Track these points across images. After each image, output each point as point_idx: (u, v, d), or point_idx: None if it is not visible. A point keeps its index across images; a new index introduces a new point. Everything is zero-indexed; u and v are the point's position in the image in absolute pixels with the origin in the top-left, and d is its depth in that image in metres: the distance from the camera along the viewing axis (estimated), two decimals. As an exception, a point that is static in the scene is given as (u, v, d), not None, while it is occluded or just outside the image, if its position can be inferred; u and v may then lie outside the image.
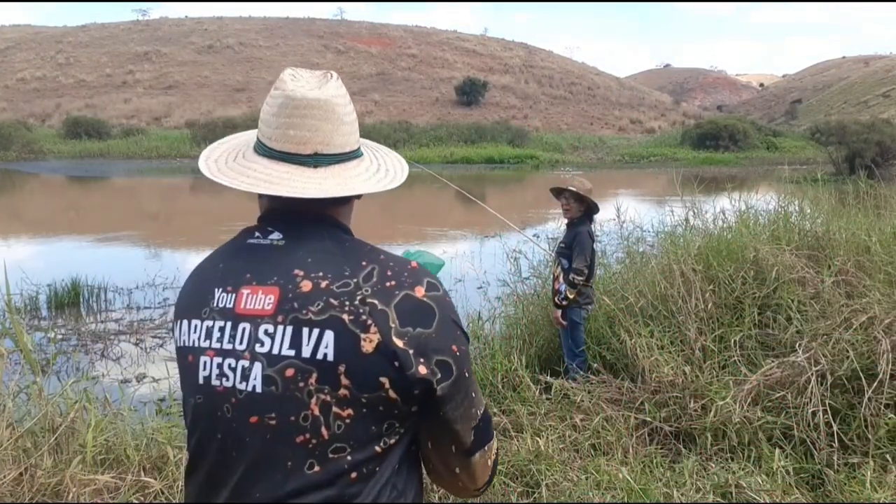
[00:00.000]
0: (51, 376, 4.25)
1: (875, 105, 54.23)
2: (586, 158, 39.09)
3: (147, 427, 3.22)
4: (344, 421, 0.98)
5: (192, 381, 1.07)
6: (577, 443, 3.37)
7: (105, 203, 19.68)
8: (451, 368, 1.03)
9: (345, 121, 1.11)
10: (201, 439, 1.07)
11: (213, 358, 1.04)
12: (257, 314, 1.02)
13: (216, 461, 1.05)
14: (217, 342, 1.04)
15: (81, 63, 55.33)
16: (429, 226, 15.68)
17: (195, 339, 1.07)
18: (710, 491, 2.83)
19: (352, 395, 0.98)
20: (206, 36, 60.60)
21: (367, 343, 0.97)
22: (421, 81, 55.58)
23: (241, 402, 1.01)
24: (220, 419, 1.03)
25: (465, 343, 1.08)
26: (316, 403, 0.98)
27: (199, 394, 1.06)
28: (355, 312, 0.98)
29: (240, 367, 1.01)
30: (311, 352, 0.98)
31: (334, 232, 1.10)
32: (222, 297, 1.06)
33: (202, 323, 1.06)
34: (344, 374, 0.97)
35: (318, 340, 0.98)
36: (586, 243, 4.27)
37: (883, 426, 2.99)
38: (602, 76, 67.42)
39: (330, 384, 0.97)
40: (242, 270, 1.07)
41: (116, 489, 2.80)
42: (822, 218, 4.84)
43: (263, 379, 0.99)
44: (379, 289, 1.01)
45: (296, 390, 0.98)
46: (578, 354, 4.28)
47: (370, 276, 1.02)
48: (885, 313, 3.33)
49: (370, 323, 0.98)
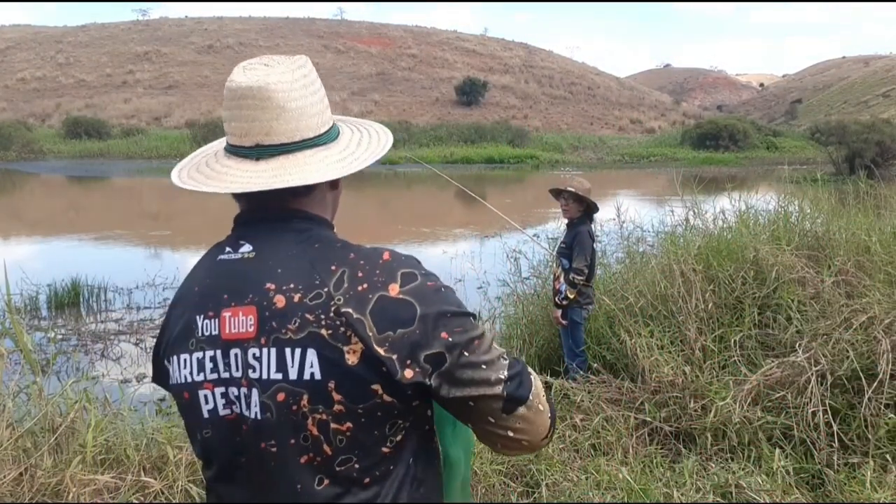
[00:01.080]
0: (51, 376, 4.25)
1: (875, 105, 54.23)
2: (586, 158, 39.09)
3: (147, 427, 3.22)
4: (345, 434, 0.96)
5: (195, 417, 1.04)
6: (577, 443, 3.37)
7: (105, 203, 19.69)
8: (443, 357, 0.97)
9: (287, 108, 1.03)
10: (223, 468, 1.05)
11: (213, 390, 1.01)
12: (242, 338, 0.98)
13: (244, 485, 1.03)
14: (213, 373, 1.01)
15: (81, 63, 55.33)
16: (428, 225, 15.68)
17: (187, 375, 1.03)
18: (710, 491, 2.83)
19: (347, 409, 0.95)
20: (206, 36, 60.60)
21: (351, 355, 0.94)
22: (421, 81, 55.57)
23: (250, 430, 0.99)
24: (239, 444, 1.01)
25: (460, 321, 1.00)
26: (313, 424, 0.96)
27: (207, 428, 1.04)
28: (333, 326, 0.95)
29: (242, 394, 0.99)
30: (298, 373, 0.95)
31: (304, 231, 1.04)
32: (206, 324, 1.02)
33: (191, 356, 1.03)
34: (335, 390, 0.95)
35: (303, 361, 0.95)
36: (586, 243, 4.27)
37: (883, 426, 2.99)
38: (602, 76, 67.42)
39: (323, 403, 0.95)
40: (219, 292, 1.02)
41: (116, 489, 2.80)
42: (822, 218, 4.84)
43: (261, 406, 0.97)
44: (352, 295, 0.96)
45: (290, 414, 0.96)
46: (578, 354, 4.28)
47: (341, 283, 0.97)
48: (885, 313, 3.32)
49: (350, 334, 0.94)
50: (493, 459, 3.23)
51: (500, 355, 1.04)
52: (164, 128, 43.24)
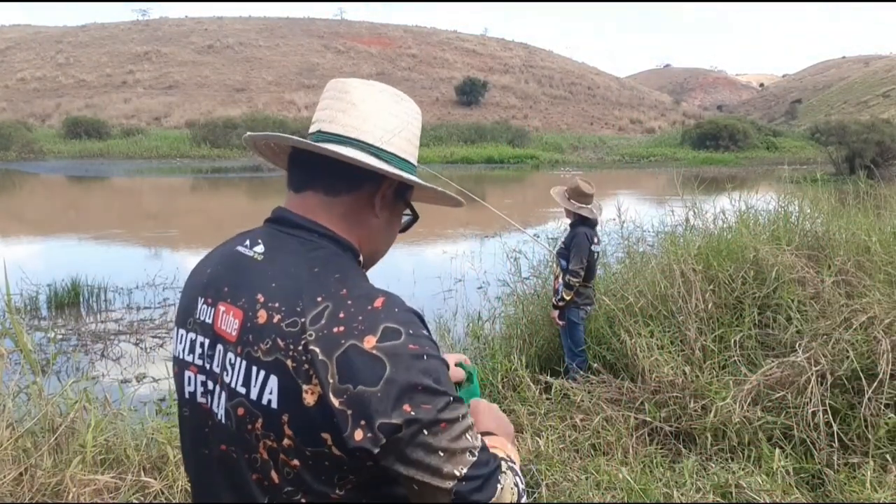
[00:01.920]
0: (51, 376, 4.25)
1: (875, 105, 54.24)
2: (586, 158, 39.11)
3: (147, 427, 3.22)
4: (292, 469, 0.93)
5: (180, 391, 1.07)
6: (577, 443, 3.37)
7: (105, 203, 19.69)
8: (399, 428, 0.88)
9: (359, 106, 1.06)
10: (189, 450, 1.09)
11: (196, 375, 1.03)
12: (226, 338, 0.99)
13: (201, 473, 1.06)
14: (199, 359, 1.03)
15: (81, 63, 55.34)
16: (428, 225, 15.67)
17: (181, 351, 1.06)
18: (710, 491, 2.83)
19: (296, 446, 0.91)
20: (206, 36, 60.61)
21: (308, 395, 0.89)
22: (421, 81, 55.57)
23: (216, 427, 1.00)
24: (206, 437, 1.02)
25: (431, 398, 0.90)
26: (263, 448, 0.94)
27: (186, 407, 1.06)
28: (298, 360, 0.90)
29: (216, 390, 1.00)
30: (258, 395, 0.93)
31: (314, 249, 1.01)
32: (203, 308, 1.04)
33: (187, 334, 1.06)
34: (287, 424, 0.91)
35: (264, 384, 0.93)
36: (583, 245, 4.26)
37: (883, 426, 2.99)
38: (602, 76, 67.44)
39: (274, 432, 0.92)
40: (222, 283, 1.03)
41: (116, 489, 2.80)
42: (822, 218, 4.84)
43: (224, 412, 0.98)
44: (324, 335, 0.90)
45: (245, 431, 0.95)
46: (578, 354, 4.27)
47: (319, 318, 0.91)
48: (885, 313, 3.32)
49: (312, 374, 0.89)
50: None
51: (469, 449, 0.93)
52: (164, 128, 43.24)
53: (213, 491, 1.03)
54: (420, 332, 0.94)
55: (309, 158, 1.06)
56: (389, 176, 1.05)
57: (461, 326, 5.93)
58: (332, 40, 61.58)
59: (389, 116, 1.08)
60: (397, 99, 1.11)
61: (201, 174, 28.24)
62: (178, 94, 50.24)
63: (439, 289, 7.80)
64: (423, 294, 7.33)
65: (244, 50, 58.20)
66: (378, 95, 1.09)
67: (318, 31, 63.73)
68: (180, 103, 48.13)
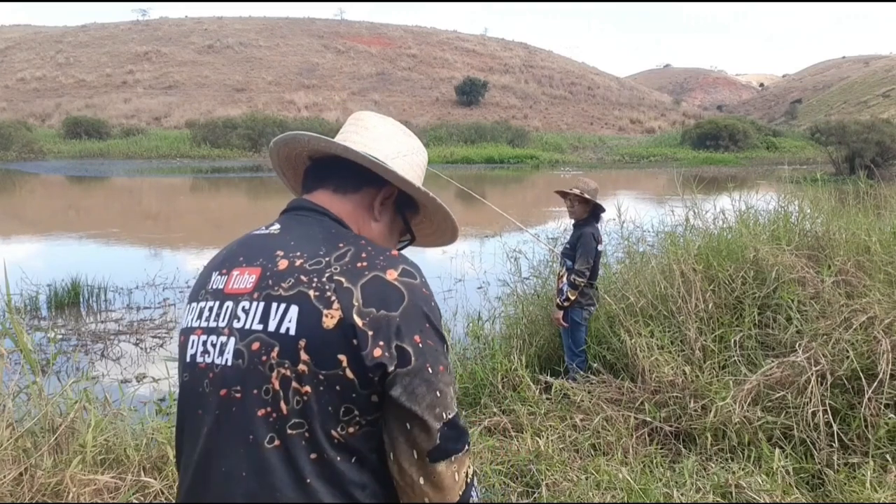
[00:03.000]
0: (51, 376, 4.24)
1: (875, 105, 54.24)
2: (586, 158, 39.10)
3: (147, 427, 3.22)
4: (302, 397, 0.98)
5: (182, 359, 1.11)
6: (577, 443, 3.37)
7: (105, 203, 19.68)
8: (409, 357, 0.99)
9: (371, 130, 1.24)
10: (182, 414, 1.11)
11: (199, 336, 1.09)
12: (239, 292, 1.06)
13: (191, 437, 1.08)
14: (205, 321, 1.09)
15: (81, 63, 55.33)
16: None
17: (189, 321, 1.12)
18: (710, 491, 2.83)
19: (310, 370, 0.98)
20: (206, 36, 60.60)
21: (328, 319, 0.98)
22: (421, 81, 55.57)
23: (216, 377, 1.04)
24: (201, 395, 1.06)
25: (436, 339, 1.03)
26: (276, 377, 0.99)
27: (186, 371, 1.10)
28: (321, 289, 1.00)
29: (219, 343, 1.05)
30: (276, 326, 1.00)
31: (328, 223, 1.13)
32: (216, 279, 1.12)
33: (197, 304, 1.12)
34: (304, 349, 0.98)
35: (284, 314, 1.00)
36: (590, 245, 4.25)
37: (883, 426, 2.99)
38: (602, 76, 67.43)
39: (290, 359, 0.98)
40: (238, 255, 1.12)
41: (116, 489, 2.80)
42: (822, 218, 4.84)
43: (234, 353, 1.02)
44: (348, 268, 1.02)
45: (258, 364, 1.00)
46: (578, 354, 4.27)
47: (343, 256, 1.03)
48: (885, 313, 3.32)
49: (334, 299, 0.99)
50: (493, 459, 3.23)
51: (454, 398, 1.05)
52: (164, 128, 43.24)
53: (207, 457, 1.04)
54: (427, 282, 1.07)
55: (322, 165, 1.21)
56: (389, 178, 1.17)
57: (461, 326, 5.92)
58: (332, 40, 61.56)
59: (398, 143, 1.24)
60: (408, 133, 1.29)
61: (201, 174, 28.24)
62: (178, 94, 50.23)
63: (439, 289, 7.80)
64: (423, 294, 7.32)
65: (244, 50, 58.19)
66: (391, 126, 1.26)
67: (318, 31, 63.71)
68: (180, 103, 48.12)
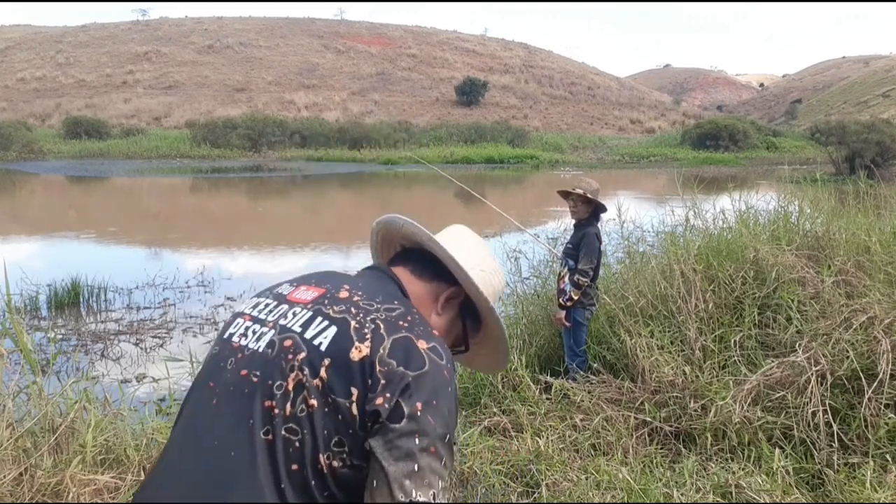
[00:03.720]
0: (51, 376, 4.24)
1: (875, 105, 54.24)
2: (586, 158, 39.10)
3: (147, 427, 3.22)
4: (307, 408, 1.02)
5: (220, 335, 1.20)
6: (577, 443, 3.37)
7: (105, 203, 19.68)
8: (402, 416, 1.00)
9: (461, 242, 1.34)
10: (196, 383, 1.17)
11: (245, 321, 1.17)
12: (297, 301, 1.16)
13: (195, 404, 1.13)
14: (256, 311, 1.18)
15: (81, 63, 55.34)
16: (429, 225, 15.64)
17: (243, 308, 1.22)
18: (710, 491, 2.82)
19: (323, 388, 1.02)
20: (206, 36, 60.60)
21: (356, 351, 1.04)
22: (421, 81, 55.57)
23: (244, 357, 1.10)
24: (221, 370, 1.12)
25: (438, 420, 1.03)
26: (293, 379, 1.04)
27: (218, 346, 1.18)
28: (362, 323, 1.07)
29: (259, 332, 1.13)
30: (312, 335, 1.07)
31: (395, 288, 1.22)
32: (285, 286, 1.23)
33: (257, 298, 1.23)
34: (326, 367, 1.03)
35: (323, 330, 1.08)
36: (594, 245, 4.25)
37: (883, 426, 2.99)
38: (602, 76, 67.43)
39: (311, 368, 1.04)
40: (312, 277, 1.25)
41: (116, 489, 2.80)
42: (822, 218, 4.84)
43: (268, 342, 1.10)
44: (391, 321, 1.09)
45: (283, 359, 1.06)
46: (579, 354, 4.27)
47: (392, 311, 1.11)
48: (885, 313, 3.32)
49: (368, 337, 1.05)
50: (493, 459, 3.23)
51: (434, 492, 1.01)
52: (164, 128, 43.26)
53: (205, 426, 1.08)
54: (454, 375, 1.12)
55: (409, 250, 1.35)
56: (460, 279, 1.26)
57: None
58: (332, 40, 61.56)
59: (481, 258, 1.32)
60: (493, 256, 1.36)
61: (201, 174, 28.24)
62: (178, 94, 50.24)
63: (439, 289, 7.80)
64: (423, 294, 7.32)
65: (244, 50, 58.19)
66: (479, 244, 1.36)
67: (318, 31, 63.70)
68: (180, 103, 48.14)
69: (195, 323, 6.80)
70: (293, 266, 10.31)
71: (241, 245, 12.04)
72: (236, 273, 9.20)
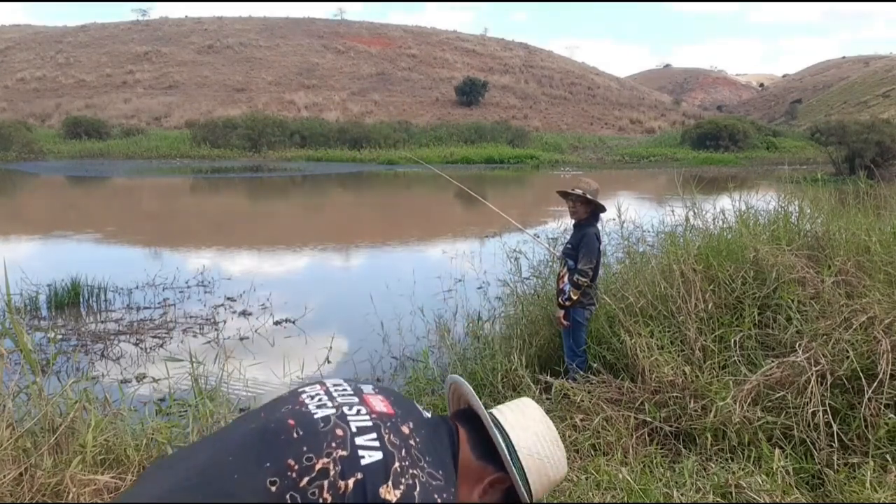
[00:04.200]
0: (51, 376, 4.24)
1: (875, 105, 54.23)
2: (586, 158, 39.10)
3: (147, 427, 3.22)
4: (319, 494, 1.06)
5: (295, 388, 1.27)
6: (577, 443, 3.37)
7: (105, 203, 19.68)
8: None
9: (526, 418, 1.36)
10: (252, 411, 1.25)
11: (320, 389, 1.24)
12: (368, 405, 1.20)
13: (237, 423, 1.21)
14: (333, 389, 1.25)
15: (81, 63, 55.33)
16: (429, 225, 15.67)
17: (326, 381, 1.30)
18: (710, 491, 2.82)
19: (343, 493, 1.06)
20: (206, 36, 60.59)
21: (385, 490, 1.08)
22: (421, 81, 55.57)
23: (299, 411, 1.17)
24: (276, 409, 1.19)
25: None
26: (324, 463, 1.08)
27: (289, 393, 1.25)
28: (404, 470, 1.11)
29: (325, 404, 1.19)
30: (361, 445, 1.12)
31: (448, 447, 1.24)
32: (368, 387, 1.30)
33: (341, 380, 1.31)
34: (356, 480, 1.08)
35: (371, 448, 1.12)
36: (593, 245, 4.25)
37: (883, 426, 2.99)
38: (602, 76, 67.42)
39: (343, 469, 1.08)
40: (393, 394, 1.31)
41: (116, 489, 2.80)
42: (822, 218, 4.84)
43: (325, 416, 1.16)
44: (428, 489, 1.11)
45: (326, 441, 1.11)
46: (579, 354, 4.27)
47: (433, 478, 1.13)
48: (885, 313, 3.32)
49: (402, 488, 1.09)
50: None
51: None
52: (164, 128, 43.25)
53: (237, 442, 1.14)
54: None
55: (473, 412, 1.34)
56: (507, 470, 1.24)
57: (461, 326, 5.93)
58: (332, 40, 61.55)
59: (542, 444, 1.29)
60: (558, 443, 1.33)
61: (201, 174, 28.24)
62: (178, 94, 50.23)
63: (439, 289, 7.80)
64: (423, 294, 7.33)
65: (244, 50, 58.18)
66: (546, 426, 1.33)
67: (318, 31, 63.69)
68: (180, 103, 48.13)
69: (195, 323, 6.80)
70: (293, 266, 10.32)
71: (241, 245, 12.04)
72: (236, 273, 9.20)
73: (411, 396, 4.33)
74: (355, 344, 6.04)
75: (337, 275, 9.90)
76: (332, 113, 47.06)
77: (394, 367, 5.48)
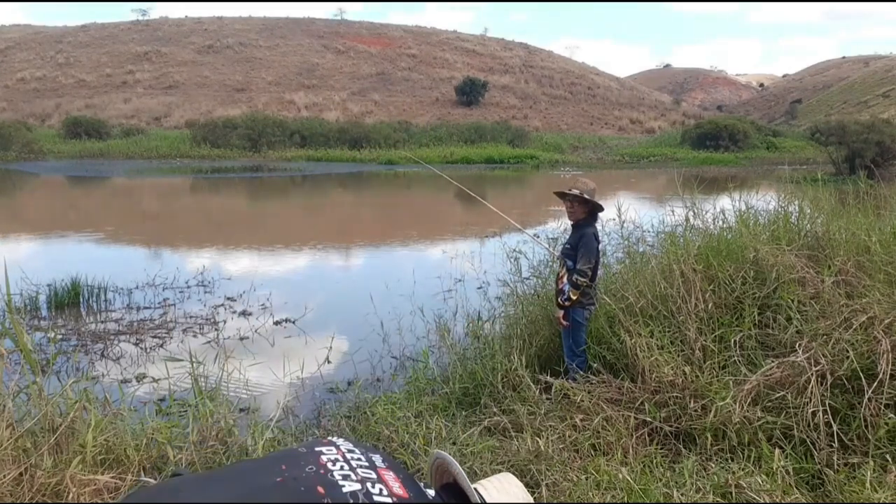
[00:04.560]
0: (51, 376, 4.24)
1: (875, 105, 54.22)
2: (586, 158, 39.10)
3: (147, 427, 3.22)
4: None
5: (305, 443, 1.40)
6: (577, 443, 3.37)
7: (105, 203, 19.68)
8: None
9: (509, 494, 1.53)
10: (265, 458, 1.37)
11: (338, 454, 1.35)
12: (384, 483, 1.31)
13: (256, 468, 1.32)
14: (350, 454, 1.37)
15: (81, 63, 55.32)
16: (429, 225, 15.67)
17: (337, 440, 1.43)
18: (710, 491, 2.82)
19: None
20: (206, 36, 60.58)
21: None
22: (421, 81, 55.56)
23: (326, 481, 1.26)
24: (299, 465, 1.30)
25: None
26: None
27: (303, 447, 1.37)
28: None
29: (348, 475, 1.29)
30: None
31: None
32: (378, 458, 1.40)
33: (353, 445, 1.42)
34: None
35: None
36: (592, 245, 4.25)
37: (883, 426, 2.99)
38: (602, 76, 67.41)
39: None
40: (402, 472, 1.41)
41: (116, 489, 2.80)
42: (822, 218, 4.83)
43: (353, 492, 1.25)
44: None
45: None
46: (579, 354, 4.27)
47: None
48: (885, 313, 3.32)
49: None
50: (493, 459, 3.23)
51: None
52: (164, 128, 43.25)
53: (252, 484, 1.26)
54: None
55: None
56: None
57: (461, 326, 5.93)
58: (332, 40, 61.53)
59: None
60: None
61: (201, 174, 28.24)
62: (178, 94, 50.23)
63: (439, 289, 7.81)
64: (423, 294, 7.33)
65: (244, 50, 58.16)
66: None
67: (318, 31, 63.67)
68: (180, 103, 48.13)
69: (195, 323, 6.80)
70: (293, 266, 10.32)
71: (241, 245, 12.04)
72: (236, 273, 9.20)
73: (411, 396, 4.33)
74: (355, 344, 6.04)
75: (337, 275, 9.90)
76: (332, 113, 47.06)
77: (394, 367, 5.48)
